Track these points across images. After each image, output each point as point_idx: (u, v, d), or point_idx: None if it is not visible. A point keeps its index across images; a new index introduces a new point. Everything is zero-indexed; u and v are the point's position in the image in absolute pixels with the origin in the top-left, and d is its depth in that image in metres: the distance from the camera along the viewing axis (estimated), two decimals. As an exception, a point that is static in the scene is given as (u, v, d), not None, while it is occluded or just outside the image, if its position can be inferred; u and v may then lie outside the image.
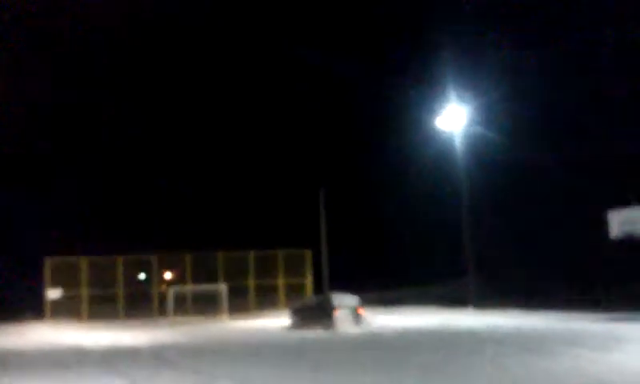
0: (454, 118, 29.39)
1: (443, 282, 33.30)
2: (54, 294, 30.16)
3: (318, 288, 36.25)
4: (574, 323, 18.63)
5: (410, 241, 38.10)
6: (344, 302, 21.80)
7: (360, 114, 52.71)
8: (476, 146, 29.75)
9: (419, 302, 31.16)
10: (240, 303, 32.59)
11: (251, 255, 34.70)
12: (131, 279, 34.19)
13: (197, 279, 33.43)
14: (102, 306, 31.64)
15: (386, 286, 35.12)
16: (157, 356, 15.13)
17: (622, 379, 9.13)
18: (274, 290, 34.73)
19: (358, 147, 49.70)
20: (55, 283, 30.42)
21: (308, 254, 35.95)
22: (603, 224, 21.03)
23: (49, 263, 30.61)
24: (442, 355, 13.14)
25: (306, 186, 40.14)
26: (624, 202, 20.49)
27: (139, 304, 32.83)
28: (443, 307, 28.55)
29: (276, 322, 25.83)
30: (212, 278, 33.21)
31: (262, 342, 18.23)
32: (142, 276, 36.19)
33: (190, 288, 32.76)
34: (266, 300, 33.88)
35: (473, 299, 28.01)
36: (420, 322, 22.68)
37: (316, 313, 21.91)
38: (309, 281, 35.72)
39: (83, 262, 31.67)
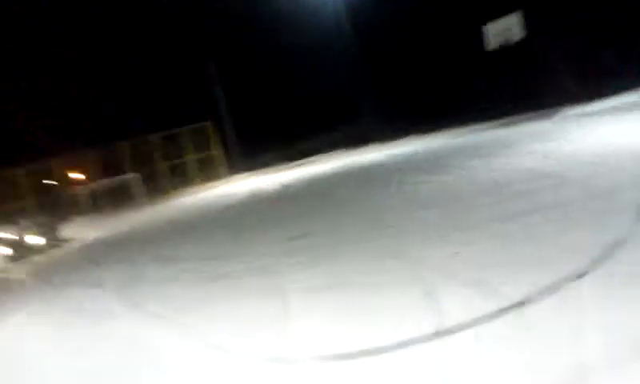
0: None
1: (345, 127, 33.54)
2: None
3: (230, 159, 35.82)
4: (467, 137, 19.38)
5: (307, 94, 37.45)
6: None
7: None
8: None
9: (325, 149, 31.48)
10: (154, 187, 31.77)
11: (155, 139, 33.39)
12: (40, 188, 32.31)
13: (106, 174, 32.02)
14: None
15: (292, 142, 35.01)
16: (90, 258, 14.34)
17: (521, 177, 9.52)
18: (185, 167, 34.08)
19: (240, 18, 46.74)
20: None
21: (210, 127, 34.97)
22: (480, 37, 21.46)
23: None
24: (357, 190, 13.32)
25: (194, 61, 38.09)
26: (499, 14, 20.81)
27: (52, 209, 31.23)
28: (349, 149, 28.98)
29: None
30: (122, 170, 31.95)
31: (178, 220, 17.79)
32: (48, 182, 34.22)
33: (100, 184, 31.32)
34: (179, 179, 33.20)
35: (375, 135, 28.57)
36: (326, 167, 22.95)
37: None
38: (218, 153, 35.08)
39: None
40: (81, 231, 21.54)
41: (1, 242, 16.94)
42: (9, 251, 16.67)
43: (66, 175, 33.65)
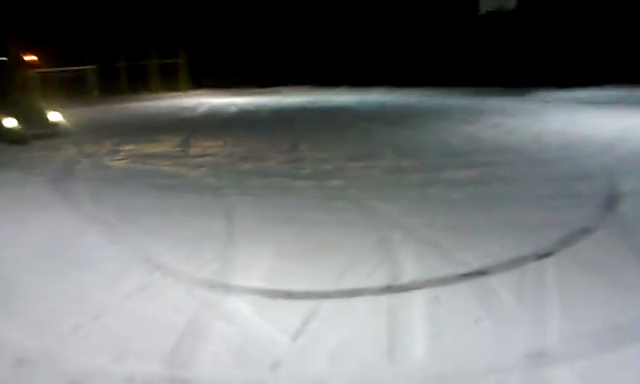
0: None
1: (318, 68, 32.48)
2: None
3: (193, 73, 34.23)
4: (440, 98, 19.07)
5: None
6: None
7: None
8: None
9: (293, 83, 30.50)
10: (111, 86, 30.17)
11: (118, 35, 31.45)
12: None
13: (63, 63, 30.06)
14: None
15: (261, 70, 33.71)
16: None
17: (491, 137, 9.29)
18: (146, 71, 32.37)
19: None
20: None
21: (178, 34, 33.13)
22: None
23: None
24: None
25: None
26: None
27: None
28: (317, 88, 28.20)
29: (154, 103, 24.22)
30: (79, 61, 30.11)
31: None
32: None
33: (55, 71, 29.47)
34: (137, 82, 31.52)
35: (346, 80, 27.84)
36: (298, 99, 22.23)
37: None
38: (183, 63, 33.46)
39: None
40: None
41: None
42: None
43: (20, 55, 31.54)
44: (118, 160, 9.71)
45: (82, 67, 29.50)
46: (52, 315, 3.73)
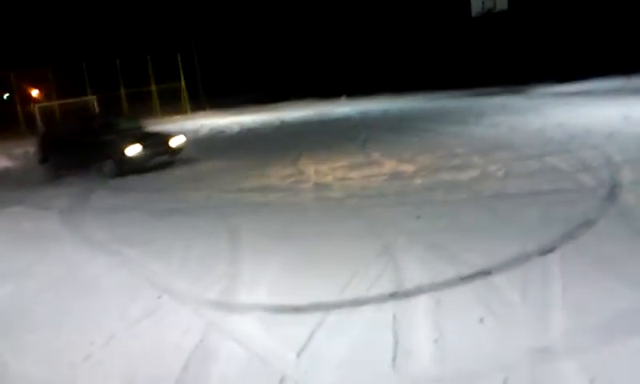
0: None
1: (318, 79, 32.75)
2: None
3: (195, 95, 34.49)
4: (441, 101, 19.09)
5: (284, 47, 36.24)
6: None
7: None
8: None
9: (296, 98, 30.66)
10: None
11: (117, 63, 31.76)
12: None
13: (64, 94, 30.38)
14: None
15: (261, 86, 34.00)
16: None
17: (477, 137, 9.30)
18: (147, 96, 32.64)
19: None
20: None
21: (178, 57, 33.46)
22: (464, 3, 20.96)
23: None
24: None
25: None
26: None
27: (5, 124, 29.69)
28: (319, 100, 28.31)
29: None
30: (80, 92, 30.43)
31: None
32: (5, 96, 32.76)
33: (56, 103, 29.75)
34: (140, 107, 31.77)
35: (346, 90, 27.99)
36: (299, 114, 22.34)
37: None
38: (184, 86, 33.73)
39: None
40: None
41: None
42: None
43: (25, 90, 32.01)
44: (124, 188, 9.82)
45: (83, 98, 29.79)
46: (63, 345, 3.78)
